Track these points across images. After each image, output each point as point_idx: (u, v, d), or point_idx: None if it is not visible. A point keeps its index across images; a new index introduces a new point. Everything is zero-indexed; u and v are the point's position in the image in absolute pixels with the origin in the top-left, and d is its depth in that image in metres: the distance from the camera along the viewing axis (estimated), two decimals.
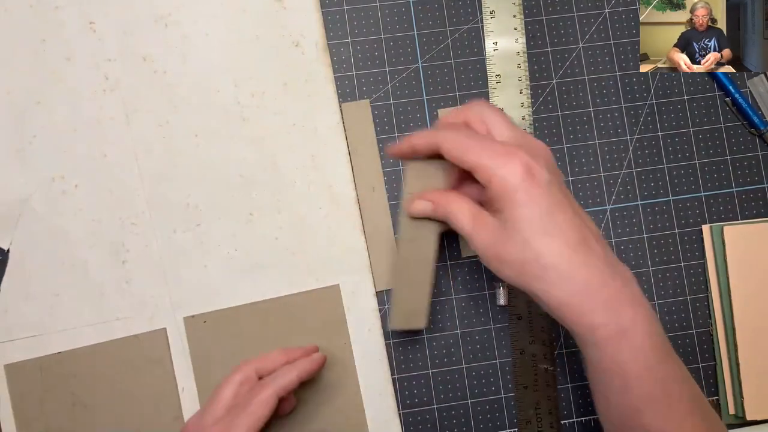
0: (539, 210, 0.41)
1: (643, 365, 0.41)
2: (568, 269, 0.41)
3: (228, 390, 0.49)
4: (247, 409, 0.47)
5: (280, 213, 0.57)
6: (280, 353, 0.52)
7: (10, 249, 0.55)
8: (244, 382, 0.50)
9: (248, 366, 0.51)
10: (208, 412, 0.49)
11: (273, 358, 0.52)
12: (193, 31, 0.58)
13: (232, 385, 0.49)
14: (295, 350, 0.53)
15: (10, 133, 0.56)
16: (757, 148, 0.60)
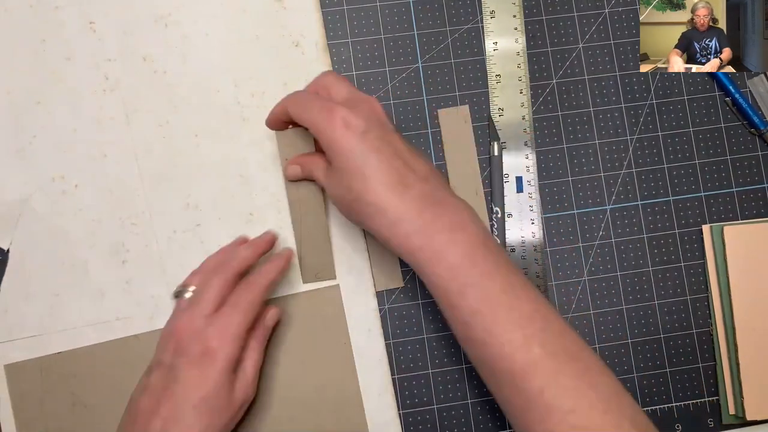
0: (354, 156, 0.46)
1: (462, 282, 0.44)
2: (384, 205, 0.45)
3: (214, 291, 0.50)
4: (241, 307, 0.50)
5: (280, 213, 0.57)
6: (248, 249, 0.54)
7: (10, 249, 0.55)
8: (227, 282, 0.51)
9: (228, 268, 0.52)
10: (197, 311, 0.49)
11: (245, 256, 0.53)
12: (193, 31, 0.58)
13: (218, 286, 0.50)
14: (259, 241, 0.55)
15: (10, 133, 0.56)
16: (757, 148, 0.60)
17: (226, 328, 0.49)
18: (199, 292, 0.51)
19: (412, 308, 0.57)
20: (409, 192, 0.46)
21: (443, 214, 0.46)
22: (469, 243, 0.45)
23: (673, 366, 0.58)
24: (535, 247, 0.58)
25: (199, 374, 0.47)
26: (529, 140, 0.59)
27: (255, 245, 0.54)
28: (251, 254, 0.53)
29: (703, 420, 0.57)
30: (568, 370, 0.43)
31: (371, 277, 0.57)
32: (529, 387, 0.43)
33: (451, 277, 0.45)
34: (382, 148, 0.46)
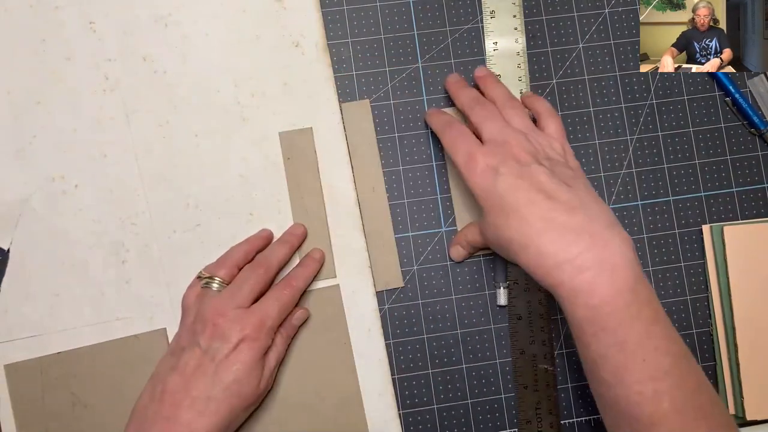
0: (489, 196, 0.48)
1: (599, 325, 0.43)
2: (525, 241, 0.46)
3: (251, 284, 0.52)
4: (279, 302, 0.52)
5: (280, 213, 0.57)
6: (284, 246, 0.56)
7: (10, 249, 0.55)
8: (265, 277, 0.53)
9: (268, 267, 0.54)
10: (235, 300, 0.51)
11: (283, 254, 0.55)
12: (193, 31, 0.58)
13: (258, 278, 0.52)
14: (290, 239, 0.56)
15: (10, 133, 0.56)
16: (757, 148, 0.60)
17: (265, 320, 0.51)
18: (238, 284, 0.52)
19: (412, 308, 0.57)
20: (552, 225, 0.45)
21: (590, 250, 0.44)
22: (614, 285, 0.43)
23: None
24: None
25: (235, 359, 0.49)
26: None
27: (290, 243, 0.56)
28: (288, 252, 0.55)
29: None
30: (697, 428, 0.42)
31: (371, 277, 0.57)
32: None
33: (587, 318, 0.44)
34: (517, 184, 0.47)
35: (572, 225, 0.45)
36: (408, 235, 0.58)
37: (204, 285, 0.53)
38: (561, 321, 0.58)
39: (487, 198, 0.48)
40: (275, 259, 0.54)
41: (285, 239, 0.56)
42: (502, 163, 0.48)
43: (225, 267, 0.53)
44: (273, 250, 0.55)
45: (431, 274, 0.58)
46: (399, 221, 0.58)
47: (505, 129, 0.50)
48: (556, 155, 0.50)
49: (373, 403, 0.56)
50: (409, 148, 0.58)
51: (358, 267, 0.57)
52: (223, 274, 0.53)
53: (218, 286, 0.52)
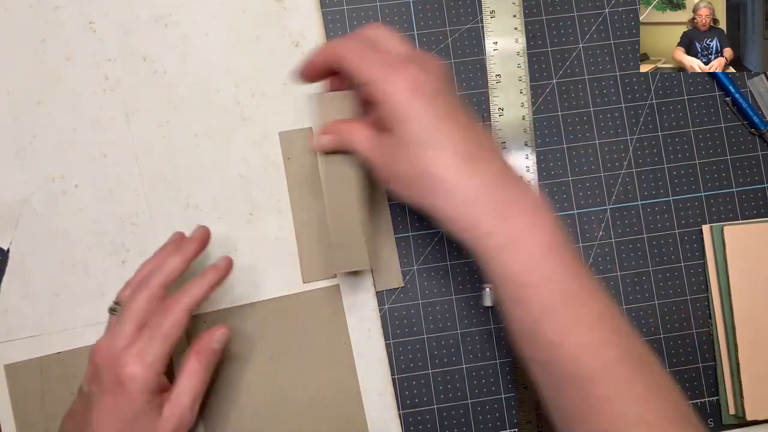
0: (424, 122, 0.41)
1: (538, 276, 0.40)
2: (455, 180, 0.40)
3: (136, 310, 0.46)
4: (161, 331, 0.46)
5: (281, 213, 0.57)
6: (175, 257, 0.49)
7: (10, 249, 0.55)
8: (151, 299, 0.47)
9: (154, 282, 0.48)
10: (118, 333, 0.46)
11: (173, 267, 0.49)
12: (193, 31, 0.58)
13: (140, 304, 0.47)
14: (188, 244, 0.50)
15: (10, 133, 0.56)
16: (757, 148, 0.60)
17: (143, 355, 0.45)
18: (121, 312, 0.47)
19: (412, 308, 0.57)
20: (484, 168, 0.41)
21: (519, 197, 0.41)
22: (547, 231, 0.40)
23: (673, 366, 0.58)
24: None
25: (113, 403, 0.45)
26: (529, 140, 0.59)
27: (183, 250, 0.50)
28: (179, 263, 0.49)
29: (703, 420, 0.57)
30: (639, 378, 0.39)
31: (371, 277, 0.57)
32: (596, 393, 0.39)
33: (526, 268, 0.40)
34: (452, 115, 0.41)
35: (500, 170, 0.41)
36: (408, 235, 0.58)
37: (110, 312, 0.49)
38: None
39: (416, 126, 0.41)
40: (159, 277, 0.48)
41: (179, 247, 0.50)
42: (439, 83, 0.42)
43: (129, 287, 0.49)
44: (159, 266, 0.49)
45: (431, 274, 0.58)
46: (399, 221, 0.58)
47: (414, 49, 0.44)
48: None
49: (373, 403, 0.56)
50: None
51: None
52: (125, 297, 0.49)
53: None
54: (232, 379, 0.55)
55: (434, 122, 0.41)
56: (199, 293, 0.48)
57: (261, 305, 0.56)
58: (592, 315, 0.40)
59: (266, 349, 0.55)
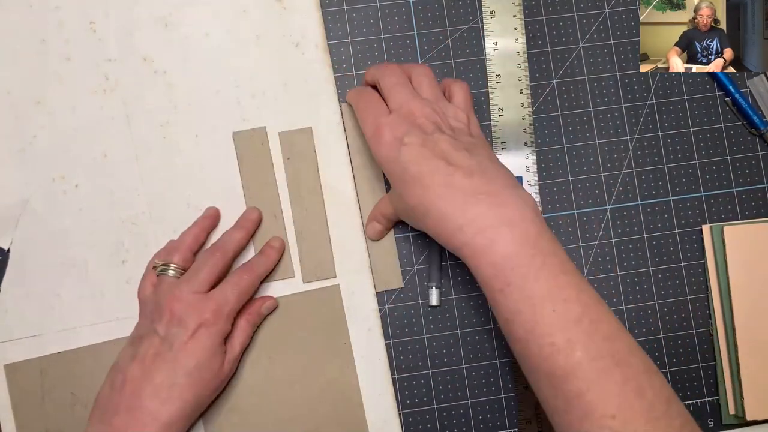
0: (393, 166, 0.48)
1: (503, 281, 0.43)
2: (427, 205, 0.46)
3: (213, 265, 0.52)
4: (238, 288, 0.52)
5: (281, 213, 0.57)
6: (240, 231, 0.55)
7: (10, 249, 0.55)
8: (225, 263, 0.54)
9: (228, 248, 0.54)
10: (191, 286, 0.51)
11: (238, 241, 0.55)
12: (193, 31, 0.58)
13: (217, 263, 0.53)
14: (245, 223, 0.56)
15: (11, 133, 0.56)
16: (757, 148, 0.60)
17: (223, 305, 0.51)
18: (194, 269, 0.52)
19: (412, 308, 0.57)
20: (451, 190, 0.46)
21: (490, 210, 0.45)
22: (514, 240, 0.44)
23: (673, 366, 0.58)
24: None
25: (195, 344, 0.49)
26: (529, 140, 0.59)
27: (245, 228, 0.55)
28: (244, 237, 0.55)
29: (703, 420, 0.57)
30: (613, 375, 0.41)
31: (371, 277, 0.57)
32: (569, 389, 0.41)
33: (492, 274, 0.44)
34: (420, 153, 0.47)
35: (471, 188, 0.45)
36: (408, 235, 0.58)
37: (160, 272, 0.53)
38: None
39: (393, 169, 0.48)
40: (231, 244, 0.54)
41: (240, 224, 0.56)
42: (407, 133, 0.48)
43: (179, 252, 0.54)
44: (229, 235, 0.55)
45: None
46: (399, 221, 0.58)
47: (411, 98, 0.50)
48: (459, 124, 0.50)
49: (373, 403, 0.56)
50: None
51: (358, 267, 0.57)
52: (178, 259, 0.53)
53: (174, 273, 0.53)
54: (231, 380, 0.55)
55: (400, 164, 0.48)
56: (271, 265, 0.56)
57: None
58: (563, 317, 0.43)
59: (266, 349, 0.55)
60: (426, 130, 0.48)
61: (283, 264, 0.57)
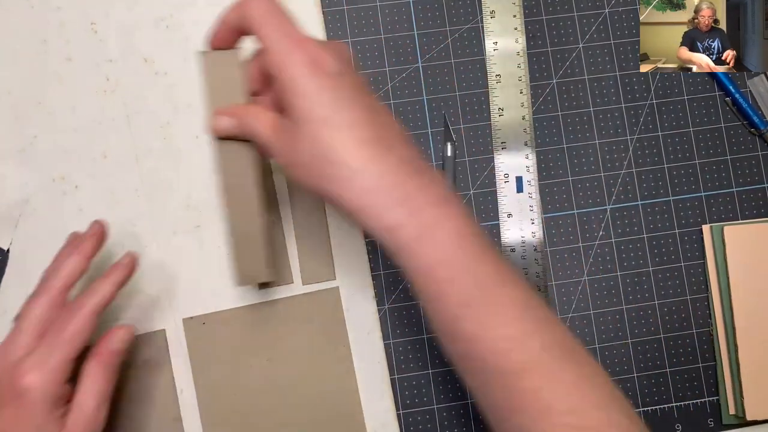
0: (324, 99, 0.38)
1: (453, 270, 0.38)
2: (358, 165, 0.38)
3: (34, 317, 0.44)
4: (63, 337, 0.43)
5: (281, 214, 0.57)
6: (73, 258, 0.46)
7: (10, 249, 0.55)
8: (52, 305, 0.45)
9: (52, 286, 0.45)
10: (15, 342, 0.43)
11: (71, 268, 0.46)
12: (194, 32, 0.58)
13: (39, 310, 0.44)
14: (85, 241, 0.47)
15: (11, 133, 0.56)
16: (757, 148, 0.60)
17: (43, 363, 0.43)
18: (19, 319, 0.45)
19: (412, 308, 0.57)
20: (390, 154, 0.38)
21: (429, 186, 0.39)
22: (460, 222, 0.39)
23: (673, 366, 0.58)
24: (535, 247, 0.58)
25: (13, 416, 0.42)
26: (529, 140, 0.59)
27: (81, 249, 0.47)
28: (77, 262, 0.47)
29: (703, 420, 0.57)
30: (567, 368, 0.38)
31: (370, 278, 0.57)
32: (523, 386, 0.38)
33: (440, 260, 0.38)
34: (356, 97, 0.39)
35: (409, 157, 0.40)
36: None
37: (14, 321, 0.47)
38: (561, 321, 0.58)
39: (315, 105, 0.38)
40: (59, 279, 0.46)
41: (75, 247, 0.48)
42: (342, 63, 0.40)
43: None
44: (55, 268, 0.47)
45: None
46: None
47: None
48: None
49: (372, 406, 0.56)
50: None
51: (358, 268, 0.57)
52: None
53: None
54: (230, 382, 0.55)
55: (334, 100, 0.38)
56: (106, 294, 0.46)
57: (260, 307, 0.56)
58: (513, 306, 0.39)
59: (265, 351, 0.55)
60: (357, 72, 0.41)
61: (281, 270, 0.56)
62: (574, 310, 0.58)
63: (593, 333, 0.58)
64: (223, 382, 0.55)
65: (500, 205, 0.58)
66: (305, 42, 0.39)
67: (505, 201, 0.58)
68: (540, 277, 0.58)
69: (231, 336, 0.56)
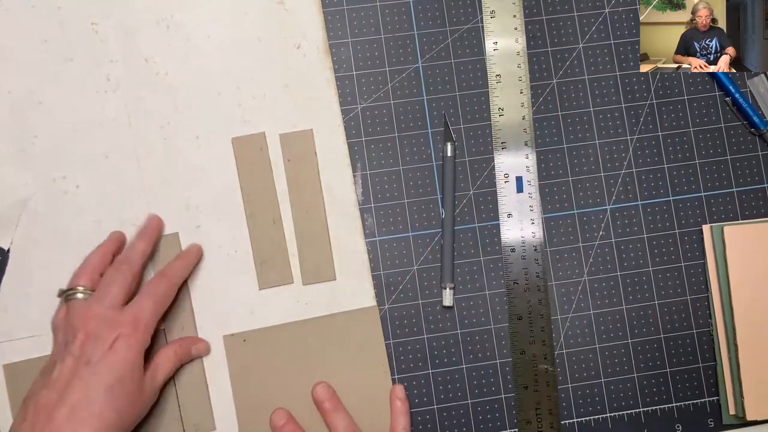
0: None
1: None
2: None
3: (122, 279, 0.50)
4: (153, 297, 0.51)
5: (281, 214, 0.57)
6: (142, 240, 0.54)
7: (10, 249, 0.55)
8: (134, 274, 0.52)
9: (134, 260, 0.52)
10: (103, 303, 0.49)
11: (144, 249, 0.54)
12: (194, 32, 0.58)
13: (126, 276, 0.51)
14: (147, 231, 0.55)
15: (12, 133, 0.56)
16: (757, 148, 0.60)
17: (139, 316, 0.49)
18: (103, 286, 0.50)
19: (412, 308, 0.57)
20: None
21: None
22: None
23: (673, 366, 0.58)
24: (535, 247, 0.58)
25: (114, 357, 0.47)
26: (529, 140, 0.59)
27: (147, 237, 0.54)
28: (147, 244, 0.54)
29: (703, 420, 0.57)
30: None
31: (371, 278, 0.57)
32: None
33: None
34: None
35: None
36: (408, 235, 0.58)
37: (67, 298, 0.51)
38: (561, 321, 0.58)
39: None
40: (136, 254, 0.53)
41: (142, 234, 0.54)
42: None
43: (85, 274, 0.51)
44: (132, 246, 0.53)
45: (431, 274, 0.58)
46: (399, 221, 0.58)
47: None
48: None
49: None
50: (409, 148, 0.58)
51: (358, 268, 0.57)
52: (85, 281, 0.51)
53: (83, 295, 0.50)
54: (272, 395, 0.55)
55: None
56: (185, 271, 0.54)
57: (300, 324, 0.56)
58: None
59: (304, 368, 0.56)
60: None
61: (282, 270, 0.57)
62: (574, 310, 0.58)
63: (593, 333, 0.58)
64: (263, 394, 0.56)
65: (500, 205, 0.58)
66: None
67: (505, 201, 0.58)
68: (540, 277, 0.58)
69: (270, 353, 0.56)
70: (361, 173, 0.58)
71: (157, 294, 0.51)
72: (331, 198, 0.57)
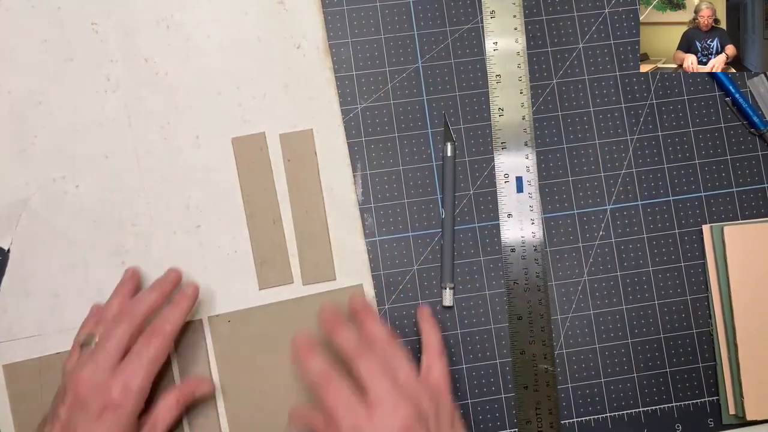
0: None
1: None
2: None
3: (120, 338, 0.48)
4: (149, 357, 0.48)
5: (281, 214, 0.57)
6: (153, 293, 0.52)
7: (10, 249, 0.55)
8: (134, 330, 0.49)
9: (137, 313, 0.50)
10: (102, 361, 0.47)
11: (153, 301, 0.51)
12: (195, 32, 0.58)
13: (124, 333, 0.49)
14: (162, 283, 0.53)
15: (12, 133, 0.56)
16: (757, 148, 0.60)
17: (130, 384, 0.47)
18: (100, 344, 0.49)
19: (412, 308, 0.57)
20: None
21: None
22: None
23: (673, 366, 0.58)
24: (535, 247, 0.58)
25: (100, 429, 0.46)
26: (529, 140, 0.59)
27: (160, 290, 0.52)
28: (157, 299, 0.51)
29: (703, 420, 0.57)
30: None
31: (371, 278, 0.57)
32: None
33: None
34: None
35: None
36: (408, 235, 0.58)
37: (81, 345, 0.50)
38: (561, 321, 0.58)
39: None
40: (143, 306, 0.50)
41: (155, 286, 0.52)
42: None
43: (102, 322, 0.51)
44: (139, 299, 0.51)
45: (431, 274, 0.58)
46: (399, 221, 0.58)
47: (393, 391, 0.46)
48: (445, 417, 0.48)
49: None
50: (409, 148, 0.58)
51: (358, 268, 0.57)
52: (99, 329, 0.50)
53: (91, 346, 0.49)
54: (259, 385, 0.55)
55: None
56: (179, 319, 0.51)
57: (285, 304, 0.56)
58: None
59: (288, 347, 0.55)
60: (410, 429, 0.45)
61: (282, 270, 0.56)
62: (574, 310, 0.58)
63: (593, 333, 0.58)
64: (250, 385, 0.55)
65: (500, 205, 0.58)
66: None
67: (505, 201, 0.58)
68: (540, 277, 0.58)
69: (253, 333, 0.56)
70: (361, 173, 0.58)
71: (149, 355, 0.48)
72: (331, 198, 0.57)
